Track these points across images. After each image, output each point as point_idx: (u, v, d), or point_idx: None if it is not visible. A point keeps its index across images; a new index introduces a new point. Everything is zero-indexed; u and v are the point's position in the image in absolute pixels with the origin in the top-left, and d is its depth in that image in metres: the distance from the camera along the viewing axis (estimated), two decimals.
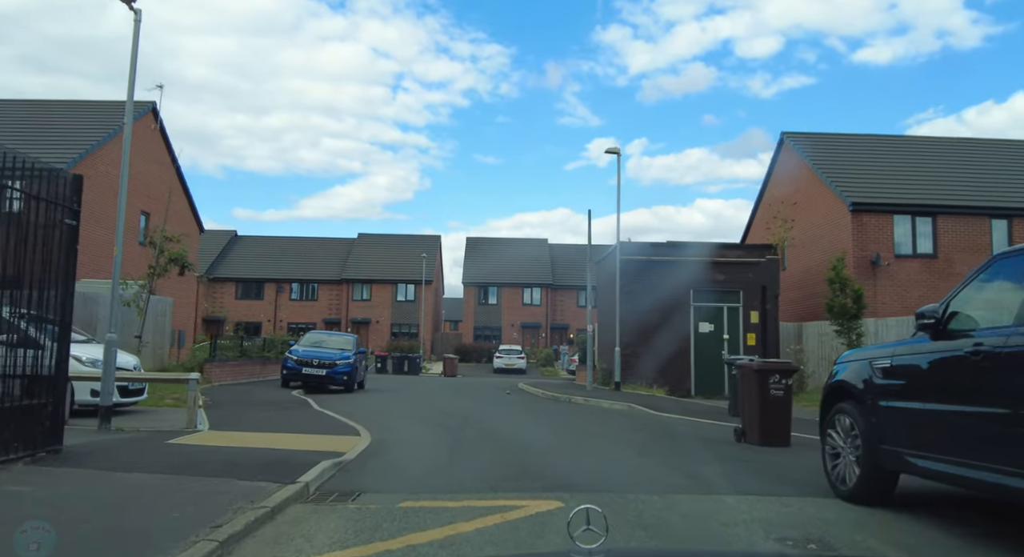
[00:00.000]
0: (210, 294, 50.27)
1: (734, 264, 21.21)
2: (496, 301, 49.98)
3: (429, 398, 19.04)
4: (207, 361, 18.48)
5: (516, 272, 50.62)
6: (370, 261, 51.39)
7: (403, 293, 49.93)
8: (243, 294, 50.55)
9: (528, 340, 49.57)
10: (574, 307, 50.57)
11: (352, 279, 49.64)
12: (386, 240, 55.08)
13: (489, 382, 31.58)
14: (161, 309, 20.03)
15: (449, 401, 18.06)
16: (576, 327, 50.01)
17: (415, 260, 48.71)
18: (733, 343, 20.76)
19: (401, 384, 27.29)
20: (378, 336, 49.14)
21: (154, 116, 26.16)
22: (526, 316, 49.55)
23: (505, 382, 31.81)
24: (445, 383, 29.45)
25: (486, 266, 50.88)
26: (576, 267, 51.99)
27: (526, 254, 52.77)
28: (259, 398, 15.38)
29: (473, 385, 27.92)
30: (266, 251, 53.09)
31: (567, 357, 42.35)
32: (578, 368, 27.89)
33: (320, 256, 52.62)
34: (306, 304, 50.53)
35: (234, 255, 52.56)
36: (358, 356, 20.30)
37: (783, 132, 26.30)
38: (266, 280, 50.38)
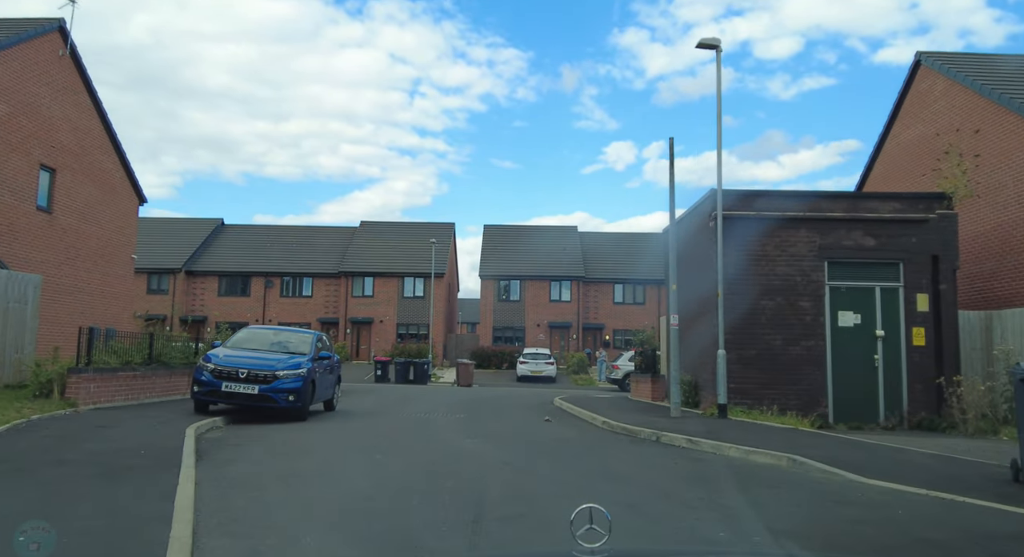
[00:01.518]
0: (189, 290, 43.72)
1: (889, 223, 13.97)
2: (519, 297, 42.94)
3: (425, 431, 12.03)
4: (74, 372, 11.64)
5: (542, 264, 43.58)
6: (373, 252, 44.59)
7: (411, 288, 43.06)
8: (227, 290, 43.94)
9: (556, 342, 42.47)
10: (610, 304, 43.36)
11: (352, 272, 42.84)
12: (392, 228, 48.26)
13: (513, 395, 24.50)
14: (17, 292, 13.14)
15: (454, 437, 11.05)
16: (612, 327, 42.84)
17: (424, 251, 41.83)
18: (892, 342, 13.52)
19: (396, 400, 20.33)
20: (382, 338, 42.26)
21: (63, 38, 19.42)
22: (554, 314, 42.48)
23: (533, 395, 24.72)
24: (456, 397, 22.46)
25: (507, 257, 43.86)
26: (612, 258, 44.86)
27: (553, 243, 45.69)
28: (99, 445, 8.39)
29: (493, 401, 20.88)
30: (254, 241, 46.48)
31: (604, 363, 35.19)
32: (635, 379, 20.69)
33: (316, 247, 45.90)
34: (299, 301, 43.79)
35: (218, 246, 45.99)
36: (319, 364, 13.41)
37: (919, 53, 19.01)
38: (253, 274, 43.72)
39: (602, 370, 35.33)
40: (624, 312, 43.13)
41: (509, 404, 19.81)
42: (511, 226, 48.16)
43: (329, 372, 14.52)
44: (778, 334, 13.84)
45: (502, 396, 24.10)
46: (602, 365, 35.30)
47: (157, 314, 42.64)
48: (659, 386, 18.24)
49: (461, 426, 12.80)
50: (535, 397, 24.19)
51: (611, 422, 12.31)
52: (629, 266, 44.17)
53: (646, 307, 43.13)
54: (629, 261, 44.68)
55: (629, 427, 11.49)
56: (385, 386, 29.80)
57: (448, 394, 24.31)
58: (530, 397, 24.11)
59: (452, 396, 23.18)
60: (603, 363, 35.28)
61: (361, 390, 25.44)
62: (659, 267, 45.14)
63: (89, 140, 20.83)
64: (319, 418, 13.48)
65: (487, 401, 20.78)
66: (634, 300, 43.38)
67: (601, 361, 35.38)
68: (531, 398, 23.42)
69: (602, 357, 35.49)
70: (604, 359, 35.32)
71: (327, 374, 14.31)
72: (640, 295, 43.39)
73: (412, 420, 13.61)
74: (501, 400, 21.57)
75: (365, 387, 28.13)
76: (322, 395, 14.21)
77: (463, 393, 25.42)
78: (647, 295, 43.27)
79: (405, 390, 26.29)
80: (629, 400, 19.73)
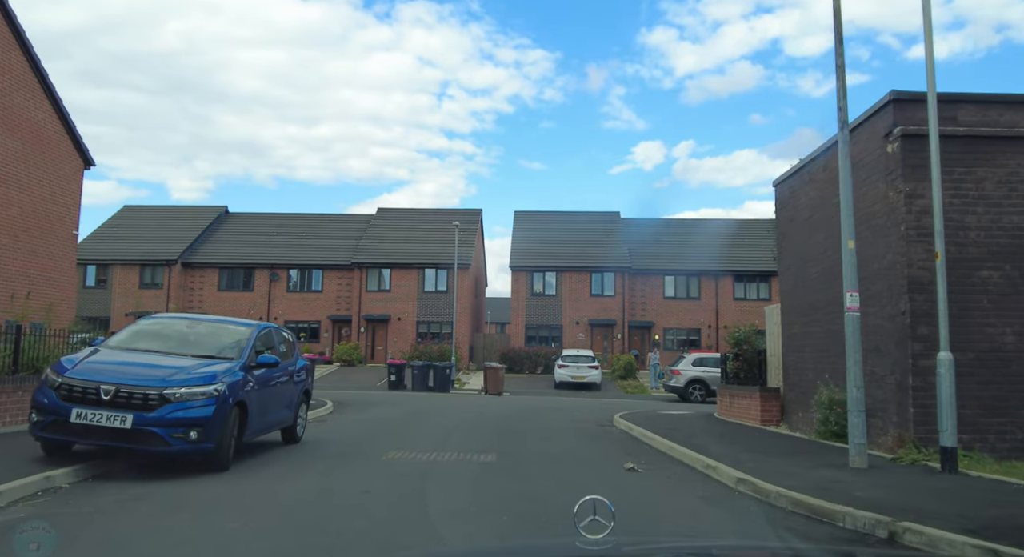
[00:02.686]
0: (186, 284, 39.13)
1: None
2: (555, 291, 37.61)
3: (427, 504, 6.75)
4: None
5: (581, 253, 38.22)
6: (390, 241, 39.61)
7: (432, 281, 37.98)
8: (228, 284, 39.28)
9: (598, 343, 37.08)
10: (659, 298, 37.84)
11: (366, 263, 37.89)
12: (411, 216, 43.24)
13: (556, 408, 19.18)
14: None
15: (481, 521, 5.81)
16: (663, 325, 37.31)
17: (447, 240, 36.74)
18: None
19: (404, 419, 15.24)
20: (400, 337, 37.26)
21: None
22: (595, 310, 37.09)
23: (580, 407, 19.39)
24: (484, 412, 17.23)
25: (541, 246, 38.59)
26: (661, 246, 39.35)
27: (593, 230, 40.31)
28: None
29: (532, 419, 15.60)
30: (260, 230, 41.78)
31: (657, 367, 29.72)
32: (727, 393, 15.24)
33: (327, 236, 41.06)
34: (307, 296, 38.95)
35: (220, 236, 41.38)
36: (259, 375, 8.35)
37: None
38: (257, 266, 38.99)
39: (655, 376, 29.90)
40: (676, 308, 37.59)
41: (556, 425, 14.53)
42: (545, 212, 42.88)
43: (283, 386, 9.39)
44: (1008, 325, 8.40)
45: (541, 410, 18.81)
46: (655, 370, 29.86)
47: (149, 311, 38.17)
48: (771, 404, 12.82)
49: (491, 484, 7.56)
50: (584, 411, 18.85)
51: (757, 483, 6.91)
52: (681, 255, 38.62)
53: (701, 302, 37.54)
54: (681, 250, 39.12)
55: (809, 501, 6.06)
56: (398, 395, 24.72)
57: (473, 407, 19.08)
58: (577, 411, 18.79)
59: (478, 411, 17.94)
60: (656, 368, 29.85)
61: (365, 401, 20.35)
62: (715, 255, 39.81)
63: (6, 80, 16.03)
64: (261, 461, 8.36)
65: (525, 420, 15.51)
66: (687, 294, 37.81)
67: (654, 365, 29.94)
68: (580, 413, 18.10)
69: (654, 360, 30.04)
70: (657, 363, 29.87)
71: (278, 389, 9.18)
72: (694, 288, 37.82)
73: (412, 469, 8.39)
74: (543, 418, 16.29)
75: (373, 397, 23.07)
76: (270, 422, 9.09)
77: (492, 405, 20.17)
78: (702, 288, 37.68)
79: (420, 401, 21.15)
80: (722, 422, 14.29)
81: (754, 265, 37.85)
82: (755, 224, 42.64)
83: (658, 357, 29.80)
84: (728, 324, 37.38)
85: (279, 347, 9.53)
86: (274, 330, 9.71)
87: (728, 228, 41.71)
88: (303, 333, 38.45)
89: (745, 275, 37.64)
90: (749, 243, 39.82)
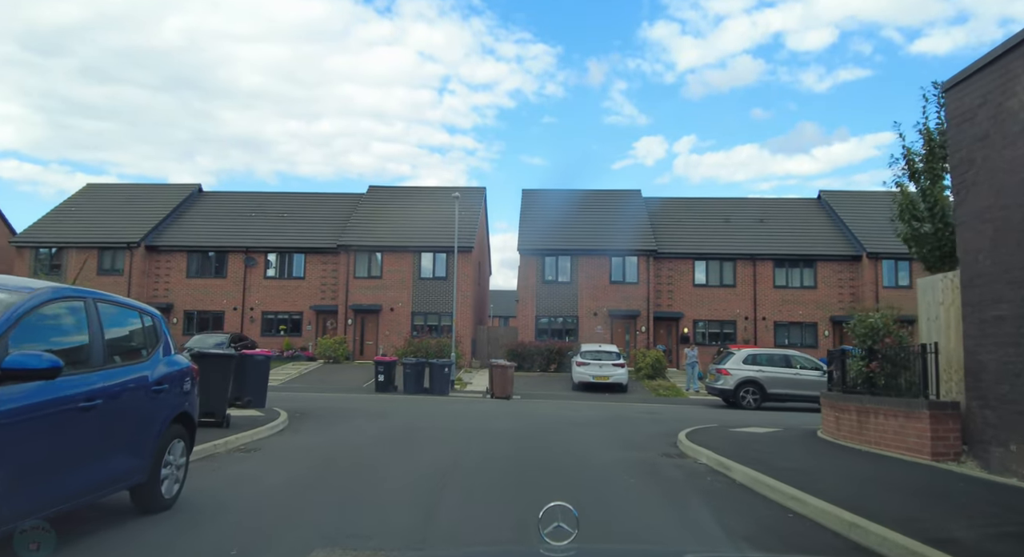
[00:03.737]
0: (150, 270, 34.52)
1: None
2: (569, 277, 32.91)
3: None
4: None
5: (599, 234, 33.56)
6: (383, 222, 34.96)
7: (429, 266, 33.31)
8: (198, 270, 34.63)
9: (619, 336, 32.44)
10: (688, 286, 33.18)
11: (355, 246, 33.23)
12: (407, 194, 38.57)
13: (586, 420, 14.42)
14: None
15: None
16: (692, 316, 32.71)
17: (446, 221, 32.13)
18: None
19: (371, 444, 10.60)
20: (393, 330, 32.66)
21: None
22: (616, 300, 32.41)
23: (617, 419, 14.47)
24: (489, 431, 12.55)
25: (554, 227, 33.93)
26: (689, 226, 34.69)
27: (613, 209, 35.62)
28: None
29: (560, 445, 10.88)
30: (236, 210, 37.13)
31: (695, 366, 25.08)
32: (834, 405, 10.52)
33: (311, 217, 36.42)
34: (287, 283, 34.27)
35: (192, 215, 36.74)
36: (26, 395, 3.62)
37: None
38: (231, 249, 34.34)
39: (693, 377, 25.22)
40: (708, 297, 32.91)
41: (600, 453, 9.89)
42: (556, 191, 38.18)
43: (114, 411, 4.73)
44: None
45: (569, 423, 14.13)
46: (693, 369, 25.16)
47: None
48: (947, 428, 8.14)
49: None
50: (627, 425, 14.13)
51: None
52: (713, 237, 33.97)
53: (737, 290, 32.86)
54: (714, 231, 34.47)
55: None
56: (386, 400, 20.12)
57: (478, 420, 14.41)
58: (617, 425, 14.09)
59: (485, 425, 13.27)
60: (694, 367, 25.15)
61: (339, 410, 15.72)
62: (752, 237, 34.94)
63: None
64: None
65: (552, 445, 10.87)
66: (720, 281, 33.12)
67: (691, 364, 25.24)
68: (623, 428, 13.42)
69: (692, 359, 25.32)
70: (695, 361, 25.14)
71: (93, 420, 4.51)
72: (728, 274, 33.14)
73: None
74: (576, 439, 11.65)
75: (353, 402, 18.47)
76: (70, 486, 4.41)
77: (502, 416, 15.46)
78: (738, 274, 33.00)
79: (411, 410, 16.52)
80: (852, 452, 9.60)
81: (797, 247, 33.16)
82: (794, 203, 37.99)
83: (696, 354, 25.07)
84: (767, 315, 32.79)
85: (97, 336, 4.85)
86: (93, 304, 5.00)
87: (766, 206, 37.04)
88: (283, 326, 33.86)
89: (787, 259, 32.96)
90: (789, 224, 35.16)
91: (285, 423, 12.54)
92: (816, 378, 21.21)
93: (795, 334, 32.55)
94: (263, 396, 14.79)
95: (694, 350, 25.28)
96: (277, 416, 13.01)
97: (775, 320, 32.50)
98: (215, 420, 11.08)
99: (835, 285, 32.74)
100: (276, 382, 25.58)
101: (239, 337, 29.18)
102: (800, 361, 21.86)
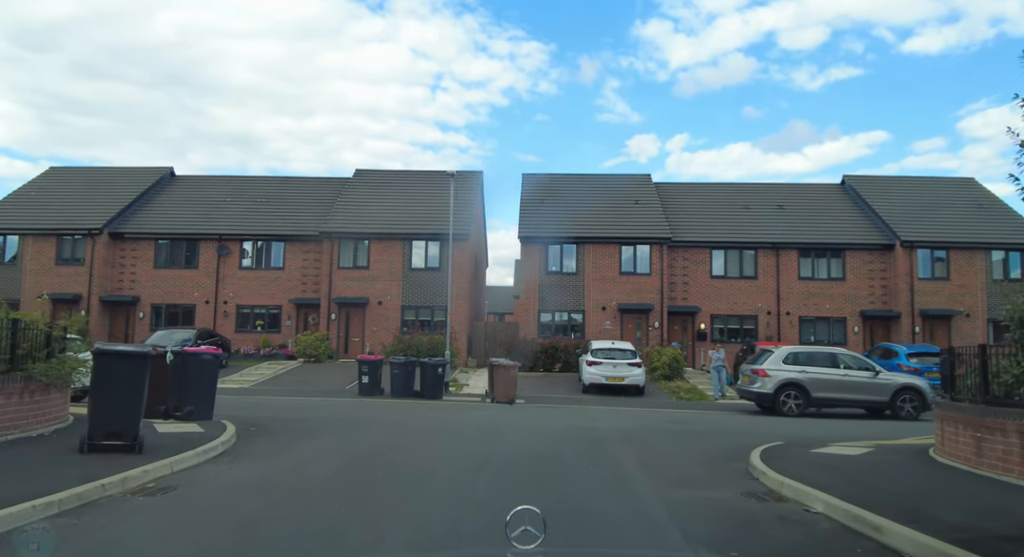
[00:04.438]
0: (115, 259, 31.42)
1: None
2: (575, 268, 29.95)
3: None
4: None
5: (607, 219, 30.65)
6: (370, 208, 31.96)
7: (421, 256, 30.31)
8: (167, 260, 31.54)
9: (630, 332, 29.53)
10: (705, 278, 30.30)
11: (339, 233, 30.20)
12: (398, 178, 35.53)
13: (613, 432, 11.19)
14: None
15: None
16: (710, 311, 29.88)
17: (440, 207, 29.28)
18: None
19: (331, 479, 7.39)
20: (381, 326, 29.69)
21: None
22: (626, 293, 29.48)
23: (647, 429, 11.04)
24: (493, 453, 9.58)
25: (557, 213, 31.01)
26: (705, 213, 31.85)
27: (621, 194, 32.72)
28: None
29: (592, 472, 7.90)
30: (209, 195, 34.05)
31: (722, 368, 22.12)
32: (956, 418, 7.53)
33: (292, 203, 33.38)
34: (265, 275, 31.19)
35: (161, 200, 33.64)
36: None
37: None
38: (203, 237, 31.26)
39: (720, 380, 22.17)
40: (726, 290, 30.02)
41: (648, 498, 6.94)
42: (560, 175, 35.17)
43: None
44: None
45: (590, 439, 11.17)
46: (719, 372, 22.12)
47: (68, 293, 30.49)
48: None
49: None
50: (663, 440, 11.16)
51: None
52: (731, 224, 31.14)
53: (759, 282, 29.99)
54: (731, 217, 31.64)
55: None
56: (368, 406, 17.17)
57: (478, 436, 11.40)
58: (650, 440, 11.14)
59: (487, 445, 10.29)
60: (721, 369, 22.10)
61: (306, 421, 12.72)
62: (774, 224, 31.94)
63: None
64: None
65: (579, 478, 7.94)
66: (740, 272, 30.22)
67: (717, 367, 22.16)
68: (661, 445, 10.47)
69: (718, 360, 22.22)
70: (722, 362, 22.10)
71: None
72: (749, 265, 30.24)
73: None
74: (609, 463, 8.73)
75: (326, 410, 15.49)
76: None
77: (508, 429, 12.46)
78: (760, 265, 30.12)
79: (395, 420, 13.55)
80: (1016, 490, 6.76)
81: (823, 235, 30.33)
82: (816, 189, 35.18)
83: (723, 356, 22.04)
84: (791, 309, 29.96)
85: None
86: None
87: (786, 192, 34.20)
88: (260, 321, 30.82)
89: (813, 248, 30.10)
90: (812, 210, 32.35)
91: (228, 443, 9.58)
92: (866, 380, 18.38)
93: (822, 330, 29.70)
94: (210, 405, 11.84)
95: (720, 351, 22.23)
96: (220, 432, 10.06)
97: (800, 315, 29.65)
98: (123, 443, 8.12)
99: (865, 276, 29.91)
100: (247, 384, 22.58)
101: (208, 333, 26.15)
102: (846, 360, 19.00)
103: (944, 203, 31.52)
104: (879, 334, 29.73)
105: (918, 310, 28.83)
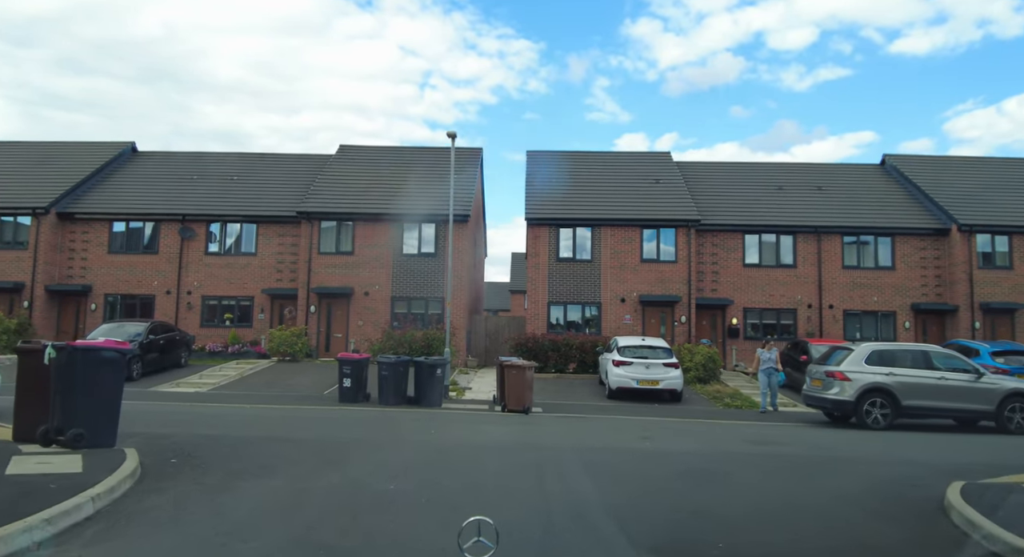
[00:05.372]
0: (63, 243, 27.47)
1: None
2: (590, 255, 26.30)
3: None
4: None
5: (625, 200, 27.05)
6: (356, 186, 28.21)
7: (415, 240, 26.58)
8: (124, 244, 27.64)
9: (653, 327, 25.90)
10: (737, 266, 26.75)
11: (320, 214, 26.41)
12: (387, 154, 31.75)
13: (700, 469, 6.90)
14: None
15: None
16: (743, 303, 26.36)
17: (434, 185, 25.64)
18: None
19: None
20: (369, 320, 25.96)
21: None
22: (649, 283, 25.87)
23: (741, 463, 6.67)
24: (534, 509, 5.93)
25: (569, 193, 27.38)
26: (734, 194, 28.33)
27: (640, 173, 29.11)
28: None
29: None
30: (174, 173, 30.19)
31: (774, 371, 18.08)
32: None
33: (267, 181, 29.57)
34: (235, 261, 27.32)
35: (119, 178, 29.75)
36: None
37: None
38: (164, 218, 27.40)
39: (774, 387, 18.08)
40: (761, 280, 26.45)
41: None
42: (570, 152, 31.50)
43: None
44: None
45: (668, 474, 7.31)
46: (770, 377, 17.97)
47: (8, 282, 26.51)
48: None
49: None
50: (767, 479, 7.31)
51: None
52: (765, 206, 27.63)
53: (798, 271, 26.45)
54: (765, 199, 28.13)
55: None
56: (348, 418, 13.47)
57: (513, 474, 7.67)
58: (751, 477, 7.20)
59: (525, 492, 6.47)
60: (772, 372, 17.99)
61: (256, 444, 8.77)
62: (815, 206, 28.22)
63: None
64: None
65: None
66: (776, 260, 26.64)
67: (768, 370, 18.04)
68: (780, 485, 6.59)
69: (769, 361, 18.08)
70: (774, 363, 18.11)
71: None
72: (787, 252, 26.68)
73: None
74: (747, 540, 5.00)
75: (293, 426, 11.72)
76: None
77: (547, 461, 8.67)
78: (799, 252, 26.58)
79: (384, 442, 9.77)
80: None
81: (868, 219, 26.84)
82: (854, 170, 31.70)
83: (775, 355, 18.25)
84: (835, 302, 26.44)
85: None
86: None
87: (822, 173, 30.74)
88: (229, 314, 26.99)
89: (859, 232, 26.60)
90: (853, 192, 28.88)
91: (112, 494, 5.85)
92: (966, 384, 14.85)
93: (869, 325, 26.20)
94: (111, 425, 8.09)
95: (772, 351, 18.31)
96: (107, 473, 6.31)
97: (844, 308, 26.12)
98: None
99: (917, 265, 26.44)
100: (205, 388, 18.79)
101: (163, 326, 22.31)
102: (940, 360, 15.46)
103: (1002, 184, 28.13)
104: (932, 331, 26.26)
105: (978, 303, 25.39)
